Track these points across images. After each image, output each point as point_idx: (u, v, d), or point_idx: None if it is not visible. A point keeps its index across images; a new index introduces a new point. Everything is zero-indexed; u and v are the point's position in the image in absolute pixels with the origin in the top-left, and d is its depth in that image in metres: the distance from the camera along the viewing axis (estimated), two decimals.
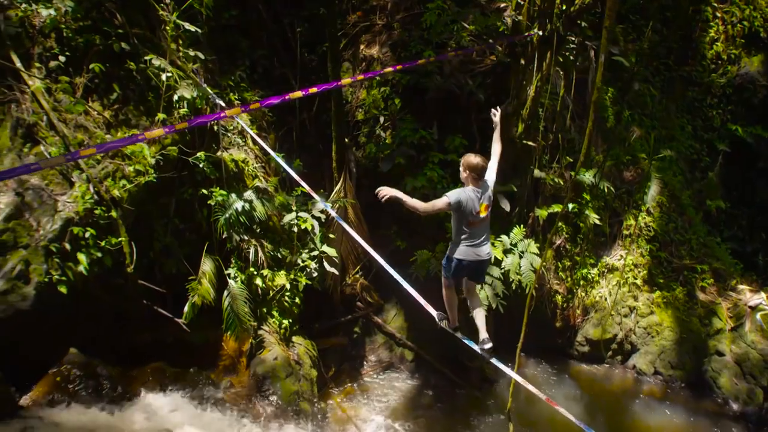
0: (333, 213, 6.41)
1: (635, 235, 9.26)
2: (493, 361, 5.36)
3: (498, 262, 8.17)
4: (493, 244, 8.30)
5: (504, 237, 8.21)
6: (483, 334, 5.19)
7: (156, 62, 6.47)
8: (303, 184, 6.35)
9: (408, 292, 5.86)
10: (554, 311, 9.44)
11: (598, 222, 8.85)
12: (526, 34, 7.07)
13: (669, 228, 9.34)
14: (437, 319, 5.51)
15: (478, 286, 8.07)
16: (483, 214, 4.88)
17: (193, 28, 6.78)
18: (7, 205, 5.61)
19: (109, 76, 6.58)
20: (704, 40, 10.54)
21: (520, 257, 8.14)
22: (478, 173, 4.81)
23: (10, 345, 5.05)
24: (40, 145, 5.97)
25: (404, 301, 9.61)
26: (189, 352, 7.53)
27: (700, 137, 10.73)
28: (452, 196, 4.70)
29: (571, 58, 7.79)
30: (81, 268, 5.83)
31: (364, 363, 9.60)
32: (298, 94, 4.38)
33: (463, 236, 4.91)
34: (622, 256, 9.23)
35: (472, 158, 4.82)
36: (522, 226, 8.31)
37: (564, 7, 6.80)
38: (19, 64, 6.12)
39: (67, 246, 5.75)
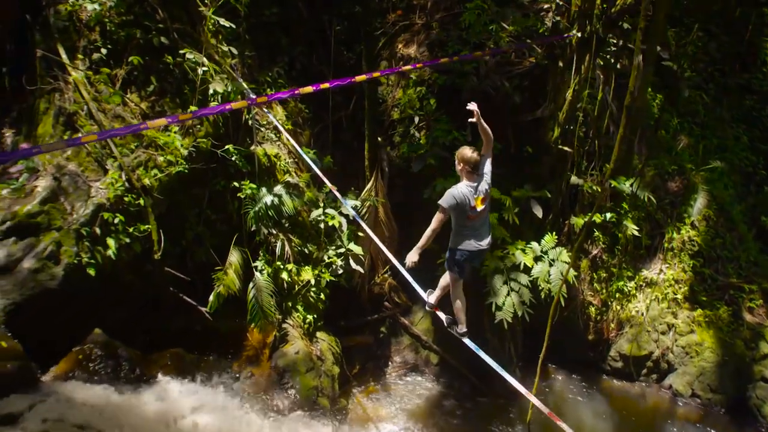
0: (351, 211, 6.42)
1: (678, 249, 8.80)
2: (507, 375, 5.34)
3: (527, 269, 7.95)
4: (523, 250, 8.11)
5: (534, 244, 7.99)
6: (431, 297, 5.70)
7: (190, 56, 6.65)
8: (326, 181, 6.39)
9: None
10: (587, 323, 9.11)
11: (636, 233, 8.47)
12: (565, 35, 6.84)
13: (716, 243, 8.83)
14: (446, 323, 5.53)
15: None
16: (480, 207, 4.95)
17: (228, 24, 6.94)
18: (44, 189, 5.91)
19: (148, 69, 6.83)
20: (766, 46, 9.90)
21: (551, 265, 7.90)
22: (472, 166, 4.90)
23: (37, 322, 5.30)
24: (78, 132, 6.25)
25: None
26: (215, 341, 7.70)
27: (756, 149, 10.07)
28: (445, 202, 4.85)
29: (612, 60, 7.47)
30: (110, 252, 6.05)
31: (389, 363, 9.56)
32: (309, 89, 4.41)
33: (464, 230, 5.03)
34: (662, 270, 8.80)
35: (467, 152, 4.93)
36: (554, 233, 8.06)
37: (605, 6, 6.52)
38: (64, 56, 6.44)
39: (98, 230, 5.99)
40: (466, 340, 5.48)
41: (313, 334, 8.22)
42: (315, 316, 8.20)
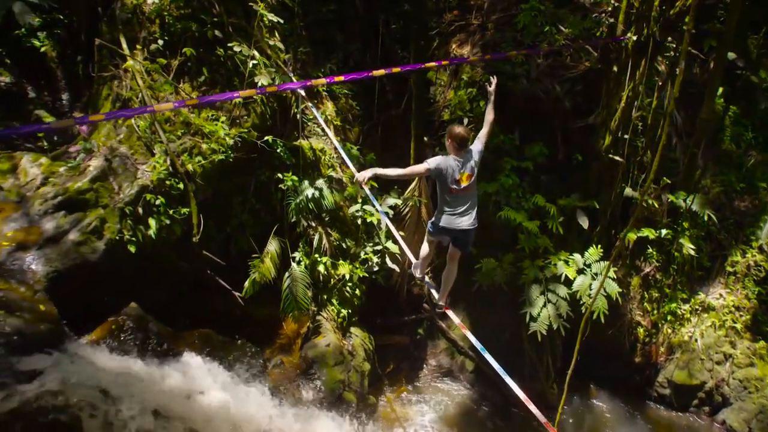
0: (378, 207, 6.39)
1: (741, 274, 8.12)
2: (508, 378, 5.59)
3: (568, 282, 7.62)
4: (566, 262, 7.78)
5: (577, 255, 7.63)
6: (441, 299, 5.80)
7: (237, 48, 6.90)
8: (357, 176, 6.42)
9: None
10: (634, 345, 8.60)
11: (693, 253, 7.90)
12: (619, 38, 6.48)
13: None
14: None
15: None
16: (464, 184, 5.09)
17: (276, 19, 7.14)
18: (95, 168, 6.33)
19: (201, 60, 7.14)
20: None
21: (593, 279, 7.52)
22: (458, 142, 5.03)
23: (76, 291, 5.68)
24: (131, 119, 6.65)
25: (471, 310, 9.35)
26: (252, 326, 7.90)
27: None
28: (432, 162, 5.03)
29: (670, 66, 7.00)
30: (150, 232, 6.38)
31: (424, 366, 9.49)
32: (322, 81, 4.49)
33: (445, 205, 5.20)
34: (721, 294, 8.15)
35: (455, 128, 5.10)
36: (599, 246, 7.67)
37: (663, 8, 6.12)
38: (125, 46, 6.88)
39: (140, 210, 6.34)
40: (468, 334, 5.72)
41: (346, 328, 8.27)
42: (350, 311, 8.25)
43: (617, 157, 7.17)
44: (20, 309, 5.01)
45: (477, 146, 5.25)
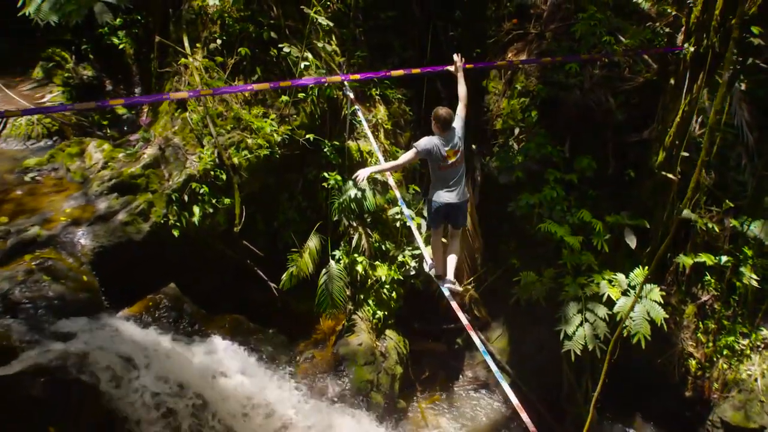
0: (406, 211, 6.42)
1: None
2: (507, 386, 5.60)
3: (610, 302, 7.25)
4: (610, 281, 7.42)
5: (621, 276, 7.25)
6: (450, 275, 6.02)
7: (287, 50, 7.18)
8: (389, 179, 6.49)
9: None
10: (685, 377, 8.01)
11: (756, 284, 7.27)
12: (674, 48, 6.11)
13: None
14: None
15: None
16: (452, 159, 5.49)
17: (325, 22, 7.36)
18: (149, 156, 6.83)
19: (255, 60, 7.51)
20: None
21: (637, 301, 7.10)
22: (442, 123, 5.44)
23: (119, 267, 6.13)
24: (186, 112, 7.12)
25: (511, 324, 9.12)
26: (291, 319, 8.14)
27: None
28: (420, 145, 5.47)
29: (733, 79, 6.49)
30: (194, 219, 6.78)
31: (460, 376, 9.36)
32: (337, 78, 4.58)
33: (437, 182, 5.64)
34: None
35: (439, 110, 5.49)
36: (646, 267, 7.24)
37: (724, 17, 5.72)
38: (186, 44, 7.37)
39: (186, 198, 6.75)
40: (472, 333, 5.94)
41: (381, 330, 8.32)
42: (386, 313, 8.30)
43: (670, 175, 6.76)
44: (65, 278, 5.50)
45: (458, 123, 5.60)
